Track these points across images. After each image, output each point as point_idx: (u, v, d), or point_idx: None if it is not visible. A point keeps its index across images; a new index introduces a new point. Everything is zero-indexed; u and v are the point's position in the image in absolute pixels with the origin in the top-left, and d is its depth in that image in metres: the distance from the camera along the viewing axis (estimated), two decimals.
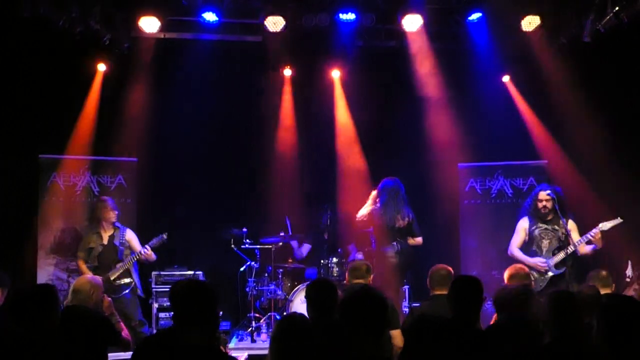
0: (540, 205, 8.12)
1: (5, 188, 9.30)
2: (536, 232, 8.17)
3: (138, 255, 8.53)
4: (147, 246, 8.55)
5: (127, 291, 8.50)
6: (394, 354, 5.45)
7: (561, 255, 7.87)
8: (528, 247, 8.21)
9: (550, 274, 7.91)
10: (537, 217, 8.20)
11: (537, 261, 7.95)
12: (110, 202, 8.79)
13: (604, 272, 6.52)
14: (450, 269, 6.30)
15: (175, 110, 9.98)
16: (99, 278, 6.11)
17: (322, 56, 10.16)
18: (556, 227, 8.06)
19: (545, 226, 8.14)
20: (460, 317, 4.70)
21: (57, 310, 4.59)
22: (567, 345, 4.09)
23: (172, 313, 3.91)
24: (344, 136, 10.56)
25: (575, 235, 7.95)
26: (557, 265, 7.90)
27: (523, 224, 8.31)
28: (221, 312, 8.98)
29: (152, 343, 4.11)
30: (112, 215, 8.70)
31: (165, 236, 8.57)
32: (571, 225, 8.02)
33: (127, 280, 8.56)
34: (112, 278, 8.38)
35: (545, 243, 8.07)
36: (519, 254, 8.14)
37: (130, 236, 8.77)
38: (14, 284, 6.43)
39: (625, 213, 8.15)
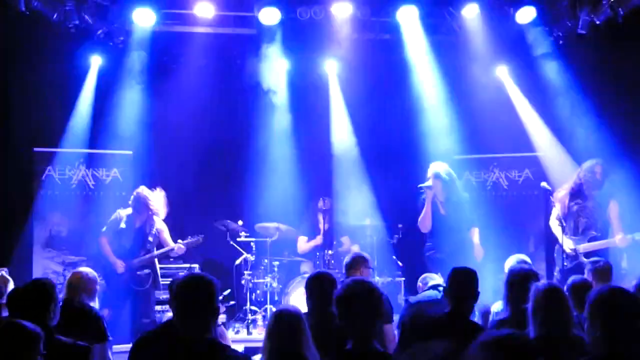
0: (597, 176, 7.72)
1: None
2: (575, 208, 7.86)
3: (171, 251, 8.52)
4: (183, 243, 8.54)
5: (148, 285, 8.46)
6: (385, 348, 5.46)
7: (593, 245, 7.51)
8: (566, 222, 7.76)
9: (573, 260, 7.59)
10: (580, 193, 7.83)
11: (568, 243, 7.57)
12: (164, 195, 8.70)
13: (606, 266, 6.28)
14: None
15: (169, 103, 9.97)
16: (93, 272, 6.04)
17: (317, 48, 10.14)
18: (594, 205, 7.72)
19: (585, 203, 7.82)
20: (455, 307, 4.72)
21: (56, 305, 4.57)
22: (551, 340, 4.07)
23: (173, 307, 3.88)
24: (339, 128, 10.56)
25: (616, 223, 7.60)
26: (586, 255, 7.55)
27: (562, 198, 7.94)
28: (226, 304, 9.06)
29: (151, 337, 4.10)
30: (163, 210, 8.62)
31: (201, 239, 8.64)
32: (613, 206, 7.67)
33: (148, 271, 8.50)
34: (136, 264, 8.38)
35: (582, 222, 7.77)
36: (555, 228, 7.76)
37: (161, 226, 8.66)
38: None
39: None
